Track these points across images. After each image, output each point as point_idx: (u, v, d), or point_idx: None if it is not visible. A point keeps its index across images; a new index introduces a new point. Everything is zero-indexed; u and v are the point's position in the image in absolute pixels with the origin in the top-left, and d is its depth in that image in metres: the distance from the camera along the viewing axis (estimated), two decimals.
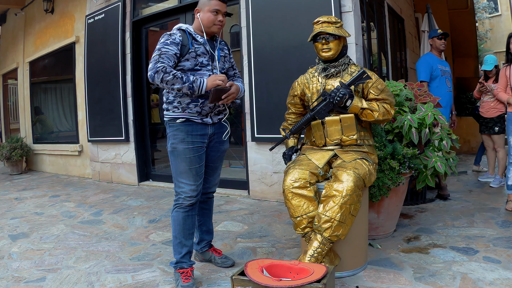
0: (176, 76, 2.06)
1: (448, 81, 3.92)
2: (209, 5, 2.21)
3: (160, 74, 2.05)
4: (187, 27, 2.26)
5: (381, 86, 2.40)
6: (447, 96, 3.85)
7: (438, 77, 3.84)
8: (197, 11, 2.25)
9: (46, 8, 6.81)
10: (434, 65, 3.85)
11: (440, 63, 3.93)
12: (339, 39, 2.40)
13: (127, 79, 5.38)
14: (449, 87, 3.93)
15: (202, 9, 2.23)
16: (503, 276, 2.13)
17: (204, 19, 2.22)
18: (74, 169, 6.71)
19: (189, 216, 2.26)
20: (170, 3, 5.10)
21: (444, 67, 3.96)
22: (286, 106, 2.70)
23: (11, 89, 9.27)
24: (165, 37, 2.18)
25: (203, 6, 2.23)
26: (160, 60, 2.09)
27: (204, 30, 2.24)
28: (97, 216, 3.91)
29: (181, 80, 2.07)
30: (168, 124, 2.26)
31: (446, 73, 3.94)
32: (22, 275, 2.50)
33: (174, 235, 2.27)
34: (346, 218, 2.11)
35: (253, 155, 4.25)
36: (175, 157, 2.22)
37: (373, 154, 2.42)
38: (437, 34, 3.94)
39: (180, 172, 2.22)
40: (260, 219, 3.50)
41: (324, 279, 1.80)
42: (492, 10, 17.84)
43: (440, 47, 3.95)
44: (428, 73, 3.83)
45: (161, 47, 2.14)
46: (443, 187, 3.83)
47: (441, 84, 3.85)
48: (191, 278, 2.20)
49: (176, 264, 2.25)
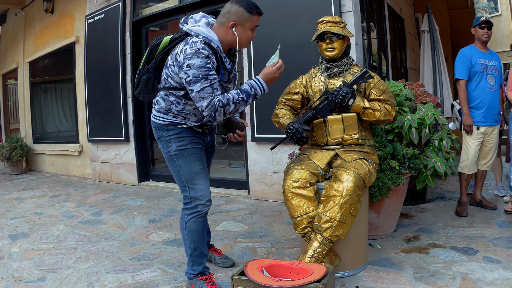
0: (236, 102, 1.87)
1: (491, 78, 3.34)
2: (252, 22, 1.94)
3: (221, 111, 1.85)
4: (218, 45, 1.92)
5: (383, 87, 2.40)
6: (488, 96, 3.31)
7: (478, 73, 3.32)
8: (234, 25, 1.92)
9: (46, 8, 6.81)
10: (473, 60, 3.32)
11: (483, 56, 3.37)
12: (343, 39, 2.40)
13: (127, 79, 5.39)
14: (492, 84, 3.34)
15: (242, 25, 1.93)
16: (503, 276, 2.13)
17: (243, 37, 1.95)
18: (74, 169, 6.71)
19: (205, 222, 2.12)
20: (170, 3, 5.10)
21: (488, 61, 3.38)
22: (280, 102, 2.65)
23: (11, 89, 9.28)
24: (204, 59, 1.84)
25: (243, 21, 1.92)
26: (215, 93, 1.85)
27: (237, 47, 1.99)
28: (97, 216, 3.91)
29: (243, 101, 1.90)
30: (165, 129, 2.06)
31: (490, 69, 3.36)
32: (22, 275, 2.50)
33: (194, 247, 2.07)
34: (346, 218, 2.11)
35: (253, 155, 4.25)
36: (186, 158, 2.03)
37: (373, 154, 2.42)
38: (479, 22, 3.37)
39: (195, 173, 2.04)
40: (260, 219, 3.50)
41: (324, 279, 1.80)
42: (492, 10, 17.84)
43: (483, 38, 3.36)
44: (466, 69, 3.32)
45: (207, 74, 1.83)
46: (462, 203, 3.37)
47: (481, 82, 3.33)
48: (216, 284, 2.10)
49: (197, 274, 2.11)
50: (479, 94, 3.32)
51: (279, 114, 2.53)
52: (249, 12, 1.92)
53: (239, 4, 1.92)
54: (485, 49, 3.41)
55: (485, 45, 3.42)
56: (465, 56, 3.35)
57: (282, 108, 2.57)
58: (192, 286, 2.10)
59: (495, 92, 3.37)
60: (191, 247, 2.09)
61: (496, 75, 3.39)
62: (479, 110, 3.33)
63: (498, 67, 3.42)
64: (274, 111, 2.58)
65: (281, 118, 2.49)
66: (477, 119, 3.34)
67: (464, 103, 3.34)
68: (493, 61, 3.40)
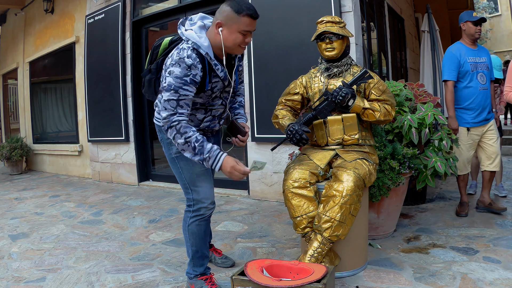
0: (189, 143, 1.76)
1: (482, 77, 3.18)
2: (239, 24, 1.76)
3: (172, 132, 1.77)
4: (207, 52, 1.81)
5: (383, 87, 2.40)
6: (479, 97, 3.17)
7: (467, 72, 3.15)
8: (219, 25, 1.78)
9: (46, 8, 6.81)
10: (462, 58, 3.16)
11: (472, 54, 3.19)
12: (343, 39, 2.40)
13: (127, 79, 5.38)
14: (483, 83, 3.19)
15: (228, 26, 1.77)
16: (503, 276, 2.13)
17: (228, 39, 1.79)
18: (74, 169, 6.71)
19: (208, 225, 2.10)
20: (170, 3, 5.10)
21: (478, 59, 3.20)
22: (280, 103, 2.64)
23: (11, 89, 9.27)
24: (184, 70, 1.75)
25: (230, 22, 1.77)
26: (178, 111, 1.75)
27: (224, 50, 1.82)
28: (97, 216, 3.91)
29: (193, 151, 1.78)
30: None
31: (480, 66, 3.20)
32: (22, 275, 2.50)
33: (195, 249, 2.06)
34: (346, 218, 2.11)
35: (253, 155, 4.25)
36: (187, 160, 1.97)
37: (373, 154, 2.42)
38: (473, 19, 3.17)
39: (197, 175, 1.99)
40: (260, 219, 3.50)
41: (324, 279, 1.80)
42: (492, 10, 17.84)
43: (476, 35, 3.19)
44: (454, 69, 3.16)
45: (179, 87, 1.74)
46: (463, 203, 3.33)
47: (471, 82, 3.17)
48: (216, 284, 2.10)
49: (197, 274, 2.10)
50: (470, 94, 3.18)
51: (279, 115, 2.53)
52: (237, 12, 1.75)
53: (228, 3, 1.79)
54: (474, 46, 3.26)
55: (474, 42, 3.27)
56: (453, 56, 3.19)
57: (282, 108, 2.57)
58: (193, 286, 2.10)
59: (487, 91, 3.23)
60: (193, 249, 2.08)
61: (487, 72, 3.24)
62: (470, 110, 3.21)
63: (488, 63, 3.27)
64: (274, 112, 2.58)
65: (281, 119, 2.49)
66: (467, 120, 3.22)
67: (451, 105, 3.21)
68: (482, 57, 3.24)
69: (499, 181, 3.93)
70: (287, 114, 2.52)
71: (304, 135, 2.28)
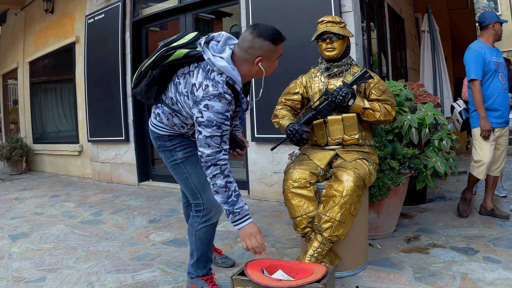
0: (228, 189, 1.72)
1: (502, 77, 3.15)
2: (277, 52, 1.79)
3: (215, 170, 1.72)
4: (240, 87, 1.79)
5: (383, 87, 2.40)
6: (500, 96, 3.12)
7: (491, 72, 3.09)
8: (260, 61, 1.76)
9: (46, 8, 6.81)
10: (487, 57, 3.09)
11: (494, 53, 3.15)
12: (343, 39, 2.40)
13: (127, 79, 5.38)
14: (503, 83, 3.15)
15: (269, 58, 1.78)
16: (503, 276, 2.13)
17: (270, 68, 1.80)
18: (74, 169, 6.71)
19: (215, 229, 2.09)
20: (170, 3, 5.10)
21: (498, 59, 3.17)
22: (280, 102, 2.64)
23: (11, 89, 9.28)
24: (225, 105, 1.71)
25: (270, 54, 1.76)
26: (223, 147, 1.72)
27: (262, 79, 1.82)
28: (97, 216, 3.91)
29: (226, 198, 1.73)
30: (167, 139, 2.01)
31: (500, 66, 3.16)
32: (22, 275, 2.50)
33: (201, 253, 2.04)
34: (346, 218, 2.11)
35: (253, 155, 4.25)
36: (194, 164, 1.95)
37: (373, 154, 2.42)
38: (500, 20, 3.14)
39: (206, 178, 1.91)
40: (260, 219, 3.50)
41: (324, 279, 1.80)
42: (492, 10, 17.85)
43: (500, 36, 3.19)
44: (480, 68, 3.06)
45: (221, 122, 1.70)
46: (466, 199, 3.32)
47: (493, 81, 3.11)
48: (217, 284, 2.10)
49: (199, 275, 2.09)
50: (492, 94, 3.11)
51: (279, 115, 2.53)
52: (275, 44, 1.76)
53: (263, 37, 1.72)
54: (493, 46, 3.21)
55: (493, 43, 3.22)
56: (478, 54, 3.08)
57: (282, 108, 2.57)
58: (193, 286, 2.10)
59: (506, 91, 3.18)
60: (198, 254, 2.06)
61: (506, 72, 3.21)
62: (493, 111, 3.12)
63: (504, 64, 3.26)
64: (274, 112, 2.58)
65: (281, 119, 2.49)
66: (492, 121, 3.11)
67: (481, 105, 3.07)
68: (500, 57, 3.20)
69: (499, 181, 3.92)
70: (287, 114, 2.52)
71: (304, 135, 2.28)
